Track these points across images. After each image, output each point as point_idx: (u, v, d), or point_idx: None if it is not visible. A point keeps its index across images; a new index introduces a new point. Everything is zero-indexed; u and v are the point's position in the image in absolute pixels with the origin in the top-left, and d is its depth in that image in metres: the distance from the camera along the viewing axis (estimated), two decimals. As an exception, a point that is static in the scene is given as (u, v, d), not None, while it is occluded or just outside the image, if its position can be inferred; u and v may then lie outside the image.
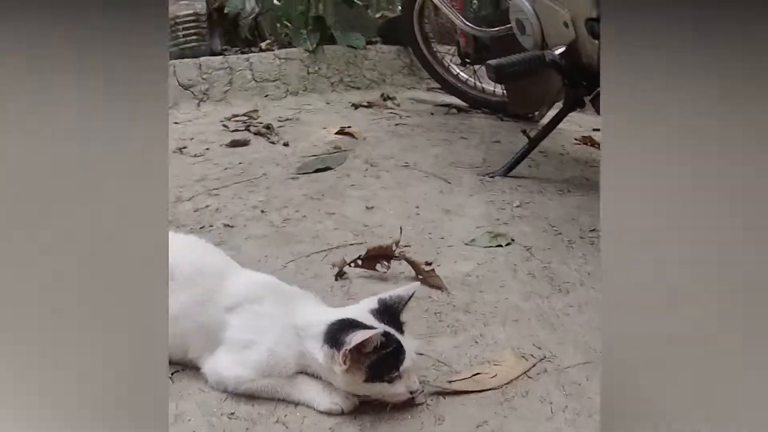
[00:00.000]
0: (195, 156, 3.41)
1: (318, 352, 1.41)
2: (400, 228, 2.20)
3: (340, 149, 3.45)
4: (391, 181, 2.94)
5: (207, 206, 2.71)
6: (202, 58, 4.32)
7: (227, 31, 4.86)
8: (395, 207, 2.64)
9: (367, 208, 2.64)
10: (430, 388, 1.52)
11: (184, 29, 4.43)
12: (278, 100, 4.41)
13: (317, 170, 3.12)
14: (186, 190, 2.89)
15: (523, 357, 1.63)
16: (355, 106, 4.33)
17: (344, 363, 1.36)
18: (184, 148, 3.52)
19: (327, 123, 3.89)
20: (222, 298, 1.53)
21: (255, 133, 3.77)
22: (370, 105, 4.31)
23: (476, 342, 1.70)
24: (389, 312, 1.46)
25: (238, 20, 4.83)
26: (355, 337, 1.32)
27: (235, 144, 3.57)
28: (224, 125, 3.88)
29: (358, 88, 4.63)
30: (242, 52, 4.63)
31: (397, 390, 1.40)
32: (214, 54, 4.50)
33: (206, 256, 1.65)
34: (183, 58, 4.23)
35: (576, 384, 1.52)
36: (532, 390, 1.52)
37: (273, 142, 3.65)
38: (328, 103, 4.42)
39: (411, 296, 1.50)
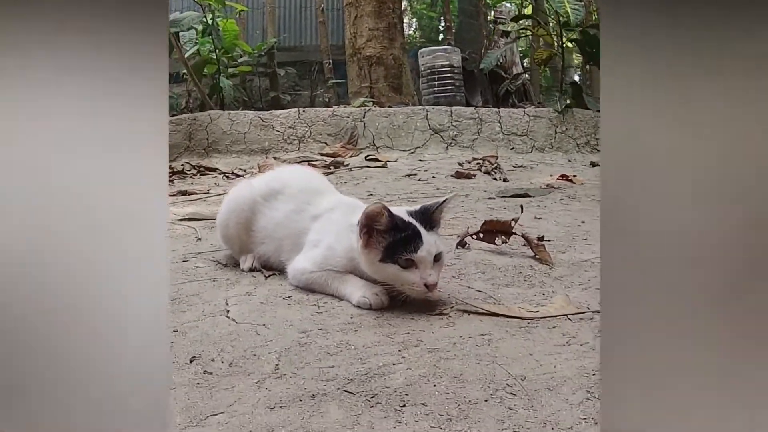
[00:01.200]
0: (419, 180, 3.79)
1: (354, 237, 1.57)
2: (521, 206, 2.21)
3: (551, 188, 3.49)
4: (577, 207, 2.89)
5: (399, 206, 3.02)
6: (454, 107, 4.77)
7: (492, 90, 5.28)
8: (563, 219, 2.61)
9: (535, 218, 2.66)
10: (462, 306, 1.54)
11: (439, 79, 4.95)
12: (523, 154, 4.60)
13: (515, 195, 3.22)
14: (389, 197, 3.25)
15: (580, 308, 1.53)
16: (593, 164, 4.28)
17: (360, 237, 1.50)
18: (414, 174, 3.94)
19: (557, 172, 3.95)
20: (312, 209, 1.80)
21: (484, 172, 4.02)
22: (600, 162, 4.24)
23: (543, 294, 1.65)
24: (424, 213, 1.56)
25: (502, 80, 5.21)
26: (364, 210, 1.48)
27: (459, 175, 3.86)
28: (459, 164, 4.22)
29: (606, 151, 4.56)
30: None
31: (411, 277, 1.48)
32: (469, 105, 4.92)
33: (312, 179, 1.95)
34: (437, 105, 4.73)
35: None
36: (561, 327, 1.42)
37: (495, 179, 3.85)
38: (569, 161, 4.45)
39: (444, 201, 1.57)
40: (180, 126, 5.00)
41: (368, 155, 4.54)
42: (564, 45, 5.12)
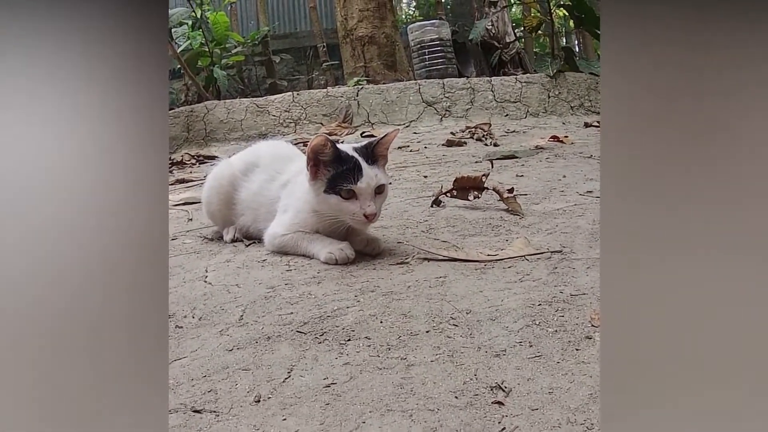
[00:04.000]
0: (411, 151, 3.84)
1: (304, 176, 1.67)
2: (491, 161, 2.26)
3: (540, 149, 3.52)
4: (561, 164, 2.93)
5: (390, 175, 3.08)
6: (446, 79, 4.80)
7: (487, 60, 5.29)
8: (544, 176, 2.65)
9: (517, 176, 2.71)
10: (422, 254, 1.60)
11: (430, 53, 4.98)
12: (517, 120, 4.63)
13: (502, 157, 3.26)
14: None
15: (539, 250, 1.59)
16: (587, 125, 4.31)
17: (309, 169, 1.61)
18: (407, 146, 3.99)
19: (549, 135, 3.97)
20: (282, 176, 1.88)
21: (476, 139, 4.06)
22: (600, 124, 4.26)
23: (507, 241, 1.70)
24: (367, 147, 1.65)
25: (496, 51, 5.22)
26: (309, 143, 1.59)
27: (450, 144, 3.91)
28: (452, 133, 4.26)
29: (598, 113, 4.58)
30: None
31: (351, 207, 1.58)
32: (461, 77, 4.95)
33: (283, 148, 2.03)
34: (429, 79, 4.76)
35: (565, 269, 1.44)
36: (516, 267, 1.48)
37: (486, 144, 3.89)
38: (563, 123, 4.47)
39: (384, 135, 1.66)
40: (178, 119, 5.10)
41: (363, 132, 4.59)
42: (553, 11, 5.11)
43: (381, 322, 1.21)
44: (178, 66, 5.99)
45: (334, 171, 1.59)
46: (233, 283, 1.55)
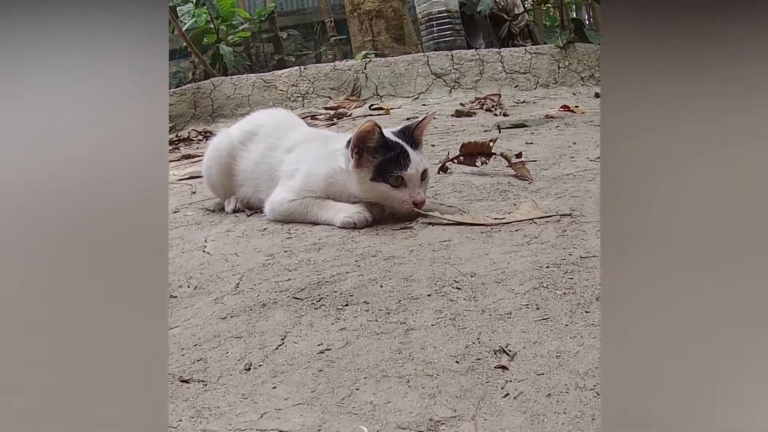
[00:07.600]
0: (419, 122, 3.77)
1: (342, 159, 1.60)
2: (499, 128, 2.19)
3: (550, 118, 3.44)
4: (571, 132, 2.85)
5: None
6: (455, 51, 4.69)
7: (496, 33, 5.17)
8: (554, 143, 2.57)
9: (527, 143, 2.64)
10: (426, 218, 1.55)
11: (438, 25, 4.87)
12: (527, 91, 4.53)
13: (512, 126, 3.18)
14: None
15: (548, 213, 1.52)
16: (597, 95, 4.21)
17: (352, 156, 1.53)
18: (415, 118, 3.92)
19: (559, 106, 3.88)
20: (285, 143, 1.82)
21: (486, 110, 3.98)
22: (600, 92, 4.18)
23: (514, 205, 1.64)
24: (406, 132, 1.61)
25: (505, 23, 5.10)
26: (357, 130, 1.51)
27: (459, 114, 3.83)
28: (461, 104, 4.18)
29: (610, 81, 4.49)
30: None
31: (400, 195, 1.52)
32: (471, 48, 4.85)
33: (283, 117, 1.97)
34: (437, 51, 4.67)
35: (575, 232, 1.37)
36: (524, 230, 1.42)
37: (495, 114, 3.80)
38: (574, 94, 4.37)
39: (423, 119, 1.62)
40: (184, 96, 5.04)
41: (372, 105, 4.52)
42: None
43: (381, 286, 1.16)
44: (184, 44, 5.91)
45: (381, 158, 1.52)
46: (232, 252, 1.50)
